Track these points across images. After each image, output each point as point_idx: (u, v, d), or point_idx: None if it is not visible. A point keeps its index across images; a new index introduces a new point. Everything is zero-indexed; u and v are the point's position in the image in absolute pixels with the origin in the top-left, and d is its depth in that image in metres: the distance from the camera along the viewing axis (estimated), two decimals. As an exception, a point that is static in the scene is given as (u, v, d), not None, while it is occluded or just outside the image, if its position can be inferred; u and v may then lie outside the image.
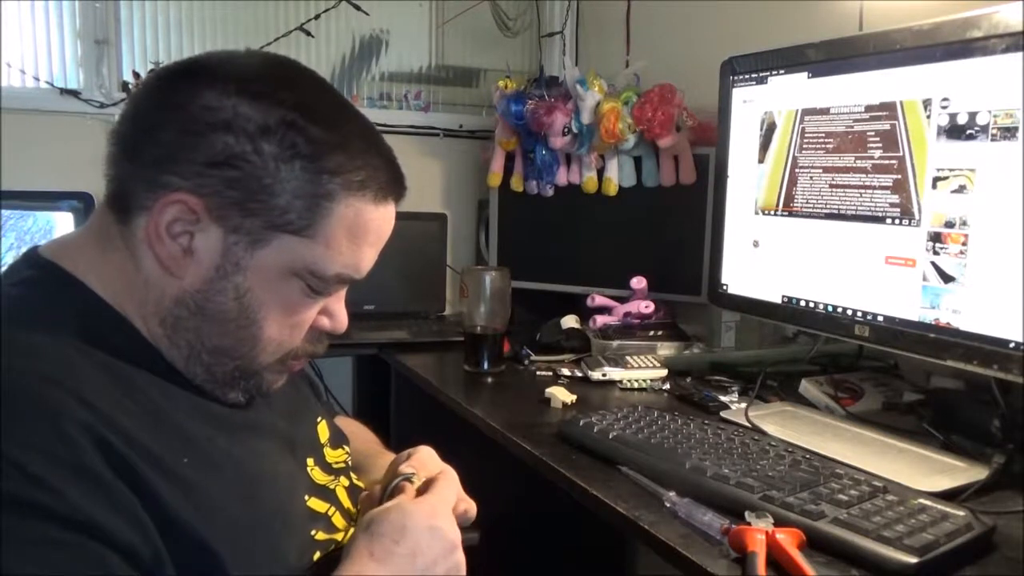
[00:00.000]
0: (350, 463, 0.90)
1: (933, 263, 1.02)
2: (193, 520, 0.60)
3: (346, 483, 0.85)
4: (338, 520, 0.80)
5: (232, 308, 0.67)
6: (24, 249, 0.73)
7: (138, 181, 0.66)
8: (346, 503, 0.82)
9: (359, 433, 1.05)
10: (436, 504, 0.74)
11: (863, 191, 1.12)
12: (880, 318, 1.10)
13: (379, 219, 0.71)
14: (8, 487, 0.52)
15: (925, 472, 0.98)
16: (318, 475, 0.81)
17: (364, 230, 0.70)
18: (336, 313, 0.75)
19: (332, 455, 0.86)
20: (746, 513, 0.83)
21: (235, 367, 0.70)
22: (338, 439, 0.90)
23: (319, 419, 0.89)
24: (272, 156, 0.65)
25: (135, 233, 0.67)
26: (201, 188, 0.64)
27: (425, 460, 0.85)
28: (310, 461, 0.81)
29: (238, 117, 0.64)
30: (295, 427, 0.83)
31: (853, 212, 1.14)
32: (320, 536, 0.76)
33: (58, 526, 0.53)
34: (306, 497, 0.76)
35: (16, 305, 0.65)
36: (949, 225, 1.00)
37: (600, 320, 1.69)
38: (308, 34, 2.06)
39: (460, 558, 0.72)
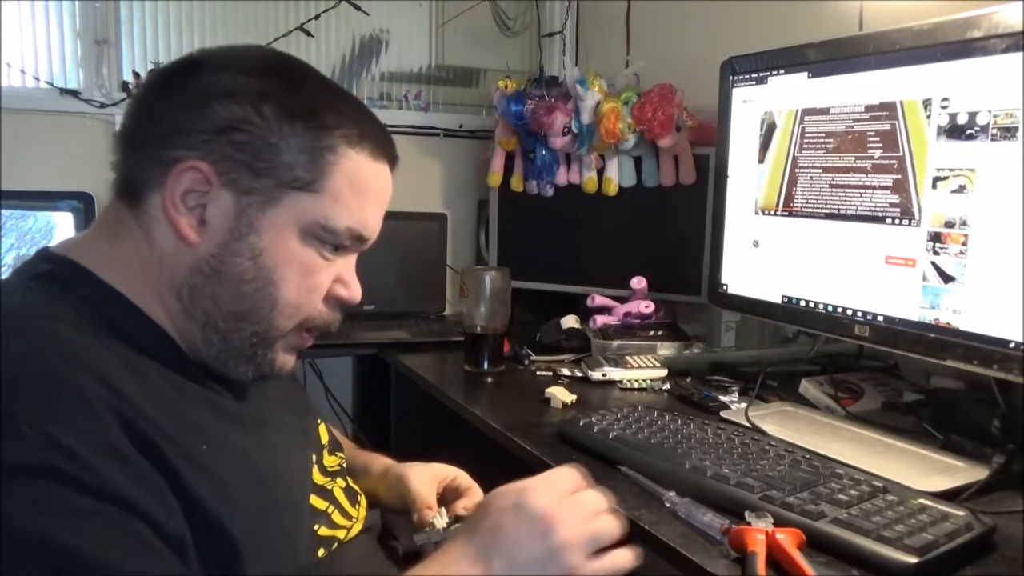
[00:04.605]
0: (344, 466, 0.90)
1: (933, 263, 1.02)
2: (213, 504, 0.61)
3: (343, 484, 0.85)
4: (338, 518, 0.80)
5: (249, 269, 0.69)
6: (25, 249, 0.73)
7: (146, 161, 0.68)
8: (344, 503, 0.83)
9: (345, 440, 1.07)
10: (528, 485, 0.69)
11: (863, 191, 1.12)
12: (880, 318, 1.10)
13: (378, 176, 0.74)
14: (42, 458, 0.53)
15: (925, 472, 0.98)
16: (316, 475, 0.81)
17: (365, 185, 0.73)
18: (350, 281, 0.76)
19: (329, 460, 0.87)
20: (746, 513, 0.83)
21: (252, 332, 0.71)
22: (335, 444, 0.91)
23: (319, 421, 0.89)
24: (273, 116, 0.68)
25: (148, 212, 0.69)
26: (210, 155, 0.67)
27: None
28: (312, 458, 0.82)
29: (236, 85, 0.68)
30: (303, 422, 0.84)
31: (853, 212, 1.14)
32: (323, 532, 0.76)
33: (91, 497, 0.54)
34: (310, 495, 0.77)
35: (36, 297, 0.66)
36: (949, 225, 1.00)
37: (600, 320, 1.69)
38: (308, 34, 2.05)
39: (564, 542, 0.66)
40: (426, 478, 0.94)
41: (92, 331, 0.64)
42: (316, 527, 0.76)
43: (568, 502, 0.68)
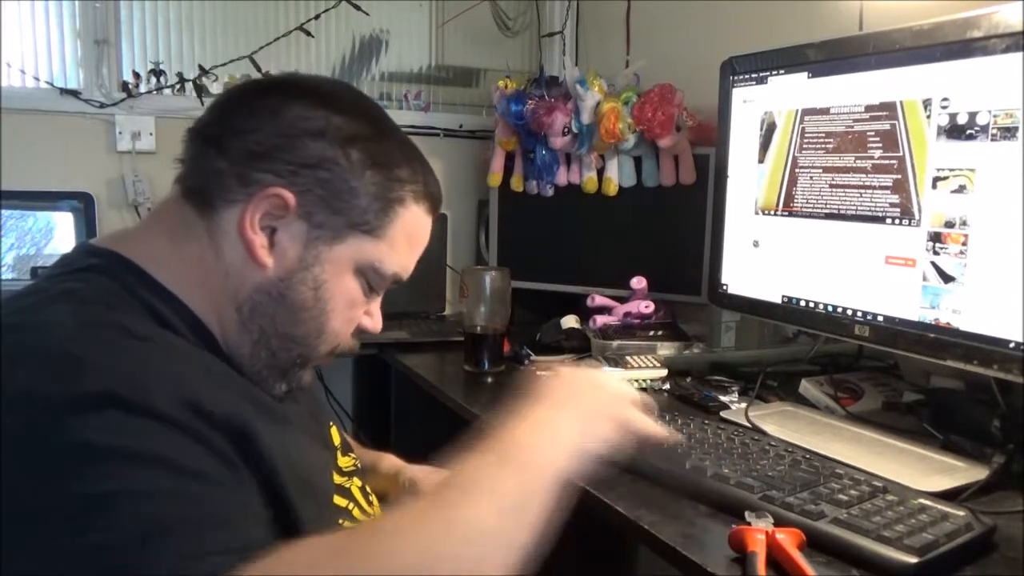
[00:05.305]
0: (359, 466, 0.92)
1: (933, 263, 1.02)
2: (277, 468, 0.65)
3: (359, 483, 0.87)
4: (357, 513, 0.82)
5: (309, 297, 0.73)
6: (25, 249, 0.74)
7: (230, 176, 0.70)
8: (362, 501, 0.85)
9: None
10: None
11: (863, 191, 1.12)
12: (880, 318, 1.10)
13: (427, 228, 0.81)
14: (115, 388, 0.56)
15: (925, 472, 0.98)
16: (335, 476, 0.83)
17: (418, 236, 0.79)
18: (375, 314, 0.81)
19: (343, 460, 0.88)
20: (746, 513, 0.83)
21: (298, 354, 0.75)
22: (347, 446, 0.94)
23: (331, 423, 0.91)
24: (358, 161, 0.72)
25: (220, 225, 0.71)
26: (294, 185, 0.70)
27: None
28: (329, 459, 0.84)
29: (331, 126, 0.71)
30: (318, 425, 0.87)
31: (853, 212, 1.14)
32: (348, 525, 0.78)
33: (154, 420, 0.57)
34: (333, 492, 0.80)
35: (91, 290, 0.67)
36: (949, 225, 1.00)
37: (600, 320, 1.69)
38: (308, 34, 2.05)
39: (602, 377, 0.76)
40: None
41: (143, 319, 0.66)
42: (341, 521, 0.78)
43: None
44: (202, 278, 0.71)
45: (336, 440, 0.90)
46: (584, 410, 0.72)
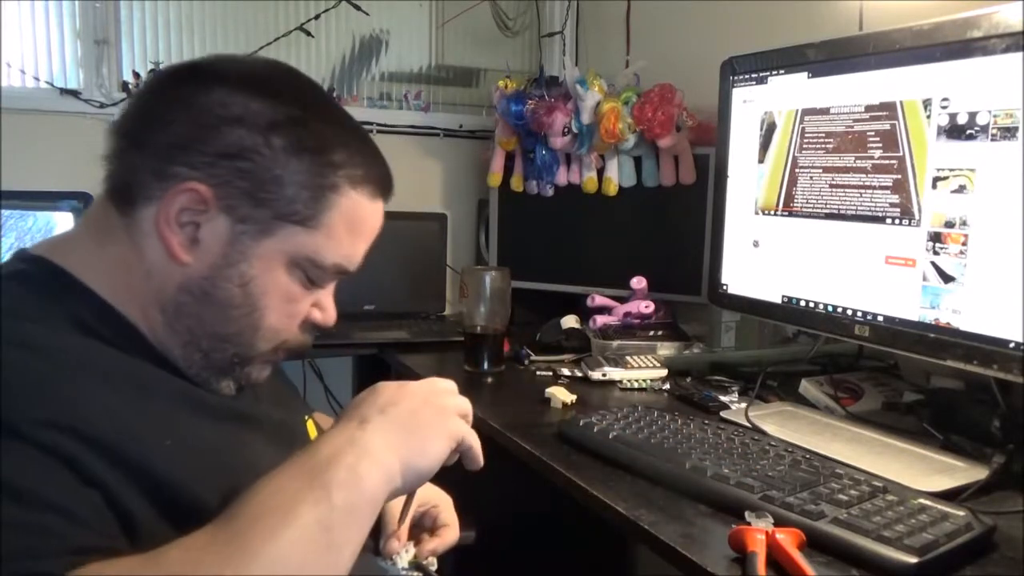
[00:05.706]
0: None
1: (933, 263, 1.02)
2: (183, 483, 0.62)
3: None
4: None
5: (237, 295, 0.69)
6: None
7: (146, 172, 0.67)
8: None
9: None
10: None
11: (863, 191, 1.12)
12: (880, 318, 1.10)
13: (374, 214, 0.75)
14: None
15: (925, 472, 0.98)
16: None
17: (361, 223, 0.74)
18: (327, 306, 0.77)
19: None
20: (746, 513, 0.83)
21: (234, 354, 0.72)
22: None
23: (307, 416, 0.89)
24: (282, 148, 0.68)
25: (140, 224, 0.68)
26: (212, 178, 0.66)
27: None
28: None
29: (249, 112, 0.67)
30: (289, 418, 0.84)
31: (853, 212, 1.14)
32: None
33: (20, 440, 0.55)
34: None
35: (7, 300, 0.65)
36: (949, 225, 1.00)
37: (600, 320, 1.69)
38: (308, 34, 2.06)
39: (424, 386, 0.72)
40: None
41: (65, 330, 0.64)
42: None
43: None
44: (126, 280, 0.69)
45: (313, 434, 0.88)
46: (410, 425, 0.67)
